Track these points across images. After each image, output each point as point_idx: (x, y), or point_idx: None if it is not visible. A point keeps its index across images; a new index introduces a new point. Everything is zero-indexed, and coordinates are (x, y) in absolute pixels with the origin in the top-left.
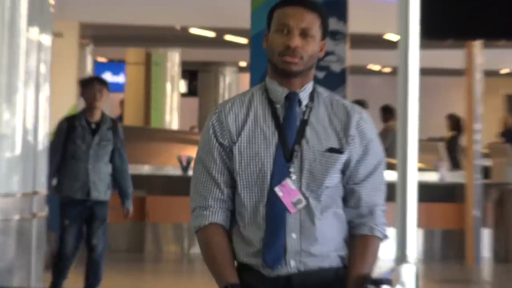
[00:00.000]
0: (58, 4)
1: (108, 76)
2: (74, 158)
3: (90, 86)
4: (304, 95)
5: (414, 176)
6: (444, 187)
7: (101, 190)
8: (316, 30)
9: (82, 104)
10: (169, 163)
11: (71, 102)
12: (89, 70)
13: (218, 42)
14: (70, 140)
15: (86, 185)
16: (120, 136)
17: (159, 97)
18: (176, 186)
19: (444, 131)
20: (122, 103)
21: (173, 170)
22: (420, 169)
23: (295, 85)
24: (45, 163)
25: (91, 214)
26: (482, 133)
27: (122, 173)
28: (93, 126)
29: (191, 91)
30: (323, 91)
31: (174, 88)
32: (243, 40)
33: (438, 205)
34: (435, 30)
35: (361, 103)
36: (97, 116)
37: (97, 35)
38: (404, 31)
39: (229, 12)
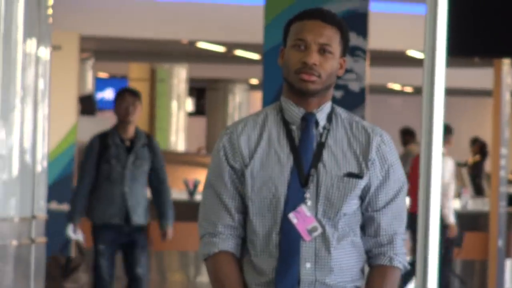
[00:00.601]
0: (57, 15)
1: (109, 93)
2: (108, 180)
3: (121, 99)
4: (321, 116)
5: (437, 203)
6: (466, 215)
7: (140, 214)
8: (335, 46)
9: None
10: (174, 187)
11: (71, 121)
12: (89, 86)
13: (228, 58)
14: (103, 160)
15: (124, 210)
16: (157, 153)
17: (164, 116)
18: (182, 211)
19: (468, 156)
20: None
21: (179, 194)
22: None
23: (312, 105)
24: (44, 185)
25: (131, 241)
26: (509, 158)
27: (161, 196)
28: (127, 143)
29: (199, 110)
30: (342, 112)
31: (181, 106)
32: (255, 56)
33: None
34: (462, 47)
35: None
36: (130, 132)
37: (98, 49)
38: (430, 48)
39: (241, 25)
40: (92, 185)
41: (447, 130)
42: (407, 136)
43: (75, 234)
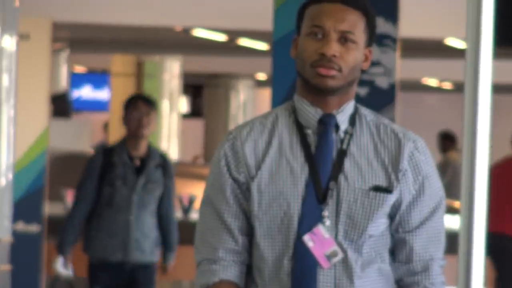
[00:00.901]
0: None
1: (87, 91)
2: (111, 206)
3: (133, 108)
4: (342, 118)
5: (483, 223)
6: None
7: (146, 249)
8: (359, 33)
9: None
10: None
11: (41, 124)
12: (63, 82)
13: (230, 48)
14: (106, 181)
15: (127, 243)
16: (171, 176)
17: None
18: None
19: None
20: (106, 126)
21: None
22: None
23: (332, 105)
24: (9, 202)
25: (132, 280)
26: None
27: (169, 223)
28: (137, 162)
29: (195, 111)
30: (367, 113)
31: (173, 107)
32: (263, 46)
33: None
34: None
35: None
36: (142, 149)
37: (74, 38)
38: (474, 36)
39: (245, 10)
40: (90, 211)
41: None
42: (447, 141)
43: (66, 269)
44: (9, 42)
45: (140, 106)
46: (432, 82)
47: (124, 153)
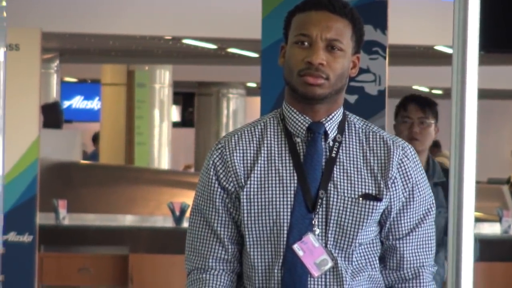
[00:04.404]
0: (14, 8)
1: (78, 101)
2: None
3: (404, 110)
4: (331, 126)
5: (470, 228)
6: (508, 242)
7: None
8: (346, 41)
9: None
10: (157, 213)
11: (32, 134)
12: (54, 92)
13: (220, 57)
14: None
15: None
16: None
17: (144, 128)
18: (167, 241)
19: (509, 171)
20: (95, 137)
21: (163, 221)
22: (477, 219)
23: (320, 113)
24: (0, 213)
25: None
26: None
27: None
28: None
29: (186, 121)
30: (356, 121)
31: (164, 116)
32: (252, 54)
33: (500, 264)
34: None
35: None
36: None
37: (64, 48)
38: (460, 42)
39: (234, 19)
40: None
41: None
42: (432, 148)
43: None
44: None
45: (411, 109)
46: (423, 88)
47: None
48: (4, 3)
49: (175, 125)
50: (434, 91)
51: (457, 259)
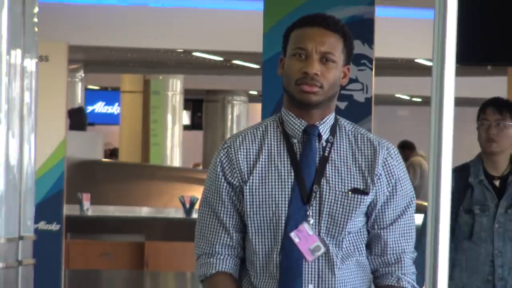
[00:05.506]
0: (43, 24)
1: (100, 107)
2: (469, 238)
3: (483, 114)
4: (324, 129)
5: (447, 220)
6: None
7: None
8: (338, 54)
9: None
10: (170, 205)
11: (60, 135)
12: (79, 99)
13: (225, 68)
14: (461, 206)
15: (491, 283)
16: None
17: (159, 130)
18: (178, 230)
19: None
20: (113, 152)
21: (175, 212)
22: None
23: (315, 117)
24: (32, 204)
25: None
26: None
27: None
28: (497, 182)
29: (195, 124)
30: (346, 124)
31: (176, 120)
32: (254, 65)
33: None
34: (473, 55)
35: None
36: (501, 166)
37: (88, 59)
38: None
39: (238, 34)
40: None
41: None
42: (406, 150)
43: None
44: (30, 64)
45: (490, 112)
46: (404, 96)
47: (480, 171)
48: (35, 20)
49: (186, 128)
50: (414, 99)
51: (434, 246)
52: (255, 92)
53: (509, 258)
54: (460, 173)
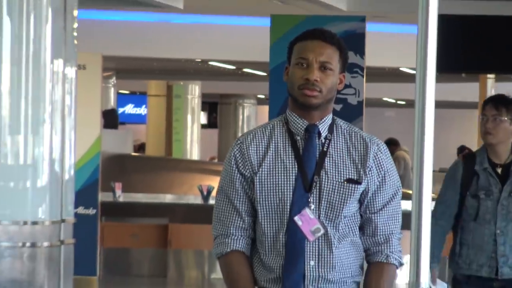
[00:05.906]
0: (81, 37)
1: (130, 108)
2: (476, 220)
3: (483, 109)
4: (323, 127)
5: (428, 206)
6: None
7: None
8: (335, 63)
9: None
10: (190, 192)
11: (95, 133)
12: (112, 101)
13: (237, 75)
14: (469, 192)
15: (494, 259)
16: None
17: (180, 129)
18: (197, 214)
19: None
20: (140, 147)
21: (194, 199)
22: (432, 199)
23: (315, 118)
24: (72, 191)
25: None
26: None
27: None
28: (499, 169)
29: (211, 123)
30: (342, 123)
31: (195, 119)
32: (262, 73)
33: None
34: (450, 65)
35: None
36: (503, 155)
37: (120, 68)
38: (422, 65)
39: (248, 46)
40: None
41: (393, 143)
42: (392, 146)
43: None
44: (70, 72)
45: (487, 107)
46: (390, 100)
47: (485, 160)
48: (75, 34)
49: (203, 126)
50: (399, 102)
51: (417, 228)
52: (263, 96)
53: (510, 237)
54: (468, 162)
